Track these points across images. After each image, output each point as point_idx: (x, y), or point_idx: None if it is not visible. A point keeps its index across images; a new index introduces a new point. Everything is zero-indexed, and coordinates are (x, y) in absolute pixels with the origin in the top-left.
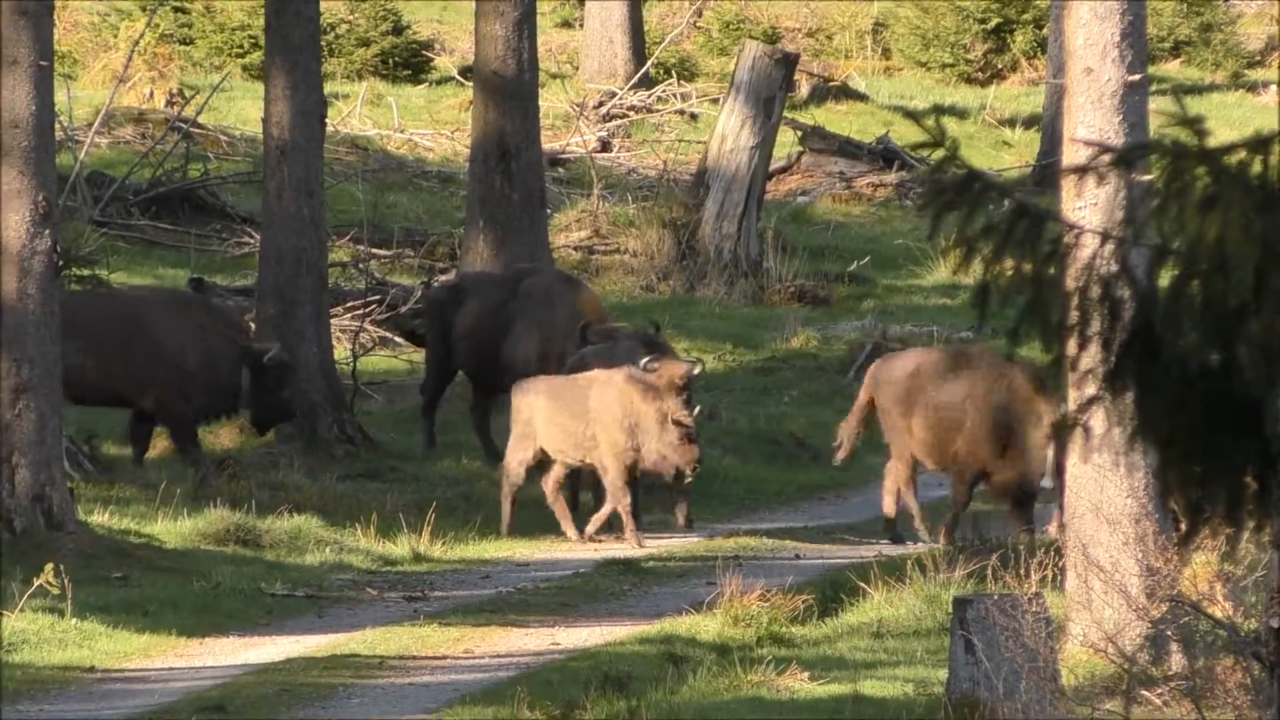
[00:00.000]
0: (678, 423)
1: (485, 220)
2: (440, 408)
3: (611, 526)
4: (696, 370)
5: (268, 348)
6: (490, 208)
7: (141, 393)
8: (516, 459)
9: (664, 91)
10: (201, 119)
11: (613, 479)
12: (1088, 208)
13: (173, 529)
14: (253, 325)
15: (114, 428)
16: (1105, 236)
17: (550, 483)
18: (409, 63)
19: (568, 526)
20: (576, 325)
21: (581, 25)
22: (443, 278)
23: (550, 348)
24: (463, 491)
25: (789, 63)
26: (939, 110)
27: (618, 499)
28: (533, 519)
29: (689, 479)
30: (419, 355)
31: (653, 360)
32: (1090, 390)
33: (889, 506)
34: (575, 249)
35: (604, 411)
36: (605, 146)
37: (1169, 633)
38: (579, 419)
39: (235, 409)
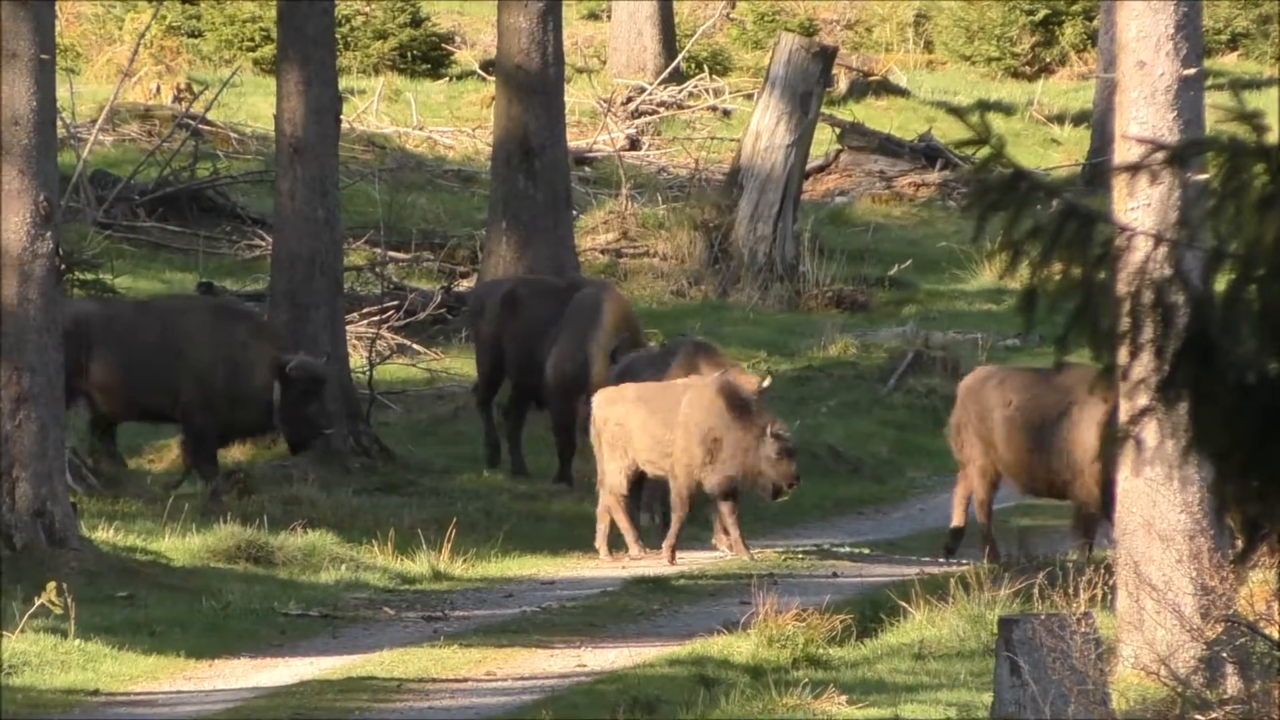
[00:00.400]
0: (777, 436)
1: (508, 222)
2: (458, 418)
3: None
4: (766, 384)
5: (291, 358)
6: (513, 209)
7: (175, 407)
8: (614, 468)
9: (695, 87)
10: (210, 115)
11: (679, 489)
12: (1140, 208)
13: (181, 545)
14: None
15: (119, 440)
16: (1158, 239)
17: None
18: (428, 56)
19: (633, 544)
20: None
21: (609, 17)
22: (464, 283)
23: (588, 362)
24: (484, 506)
25: (827, 56)
26: (984, 106)
27: (678, 509)
28: (558, 534)
29: (785, 496)
30: (438, 364)
31: (722, 373)
32: (1142, 401)
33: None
34: (602, 252)
35: (689, 420)
36: (634, 144)
37: (1224, 654)
38: (669, 427)
39: (268, 425)
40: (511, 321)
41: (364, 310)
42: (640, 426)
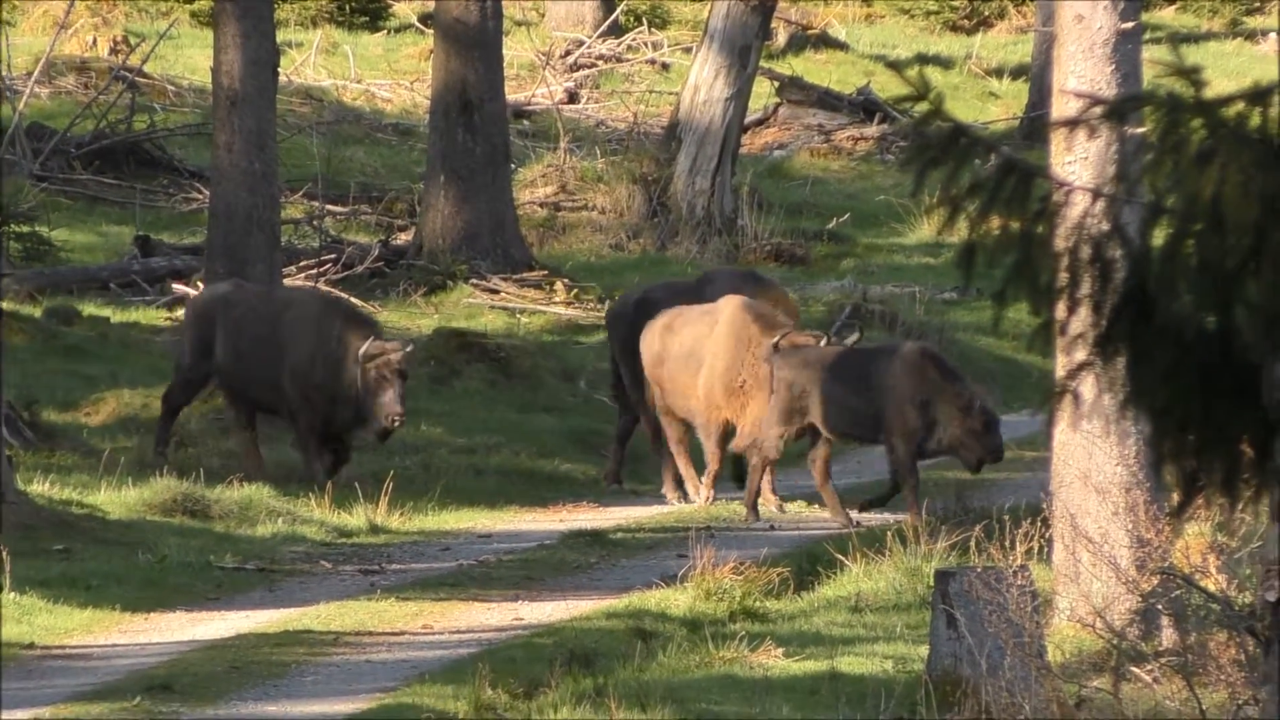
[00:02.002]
0: (984, 409)
1: (446, 175)
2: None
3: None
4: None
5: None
6: (451, 162)
7: (280, 402)
8: (776, 433)
9: (634, 40)
10: (147, 68)
11: (901, 459)
12: (1078, 163)
13: (117, 499)
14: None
15: (55, 393)
16: (1096, 194)
17: (819, 464)
18: (366, 9)
19: (837, 514)
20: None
21: None
22: (402, 236)
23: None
24: (422, 460)
25: (765, 10)
26: (923, 60)
27: (905, 479)
28: (496, 488)
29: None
30: (377, 317)
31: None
32: (1080, 355)
33: None
34: (541, 205)
35: (895, 388)
36: (572, 98)
37: (1160, 607)
38: (861, 394)
39: (362, 420)
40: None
41: (301, 264)
42: (825, 393)
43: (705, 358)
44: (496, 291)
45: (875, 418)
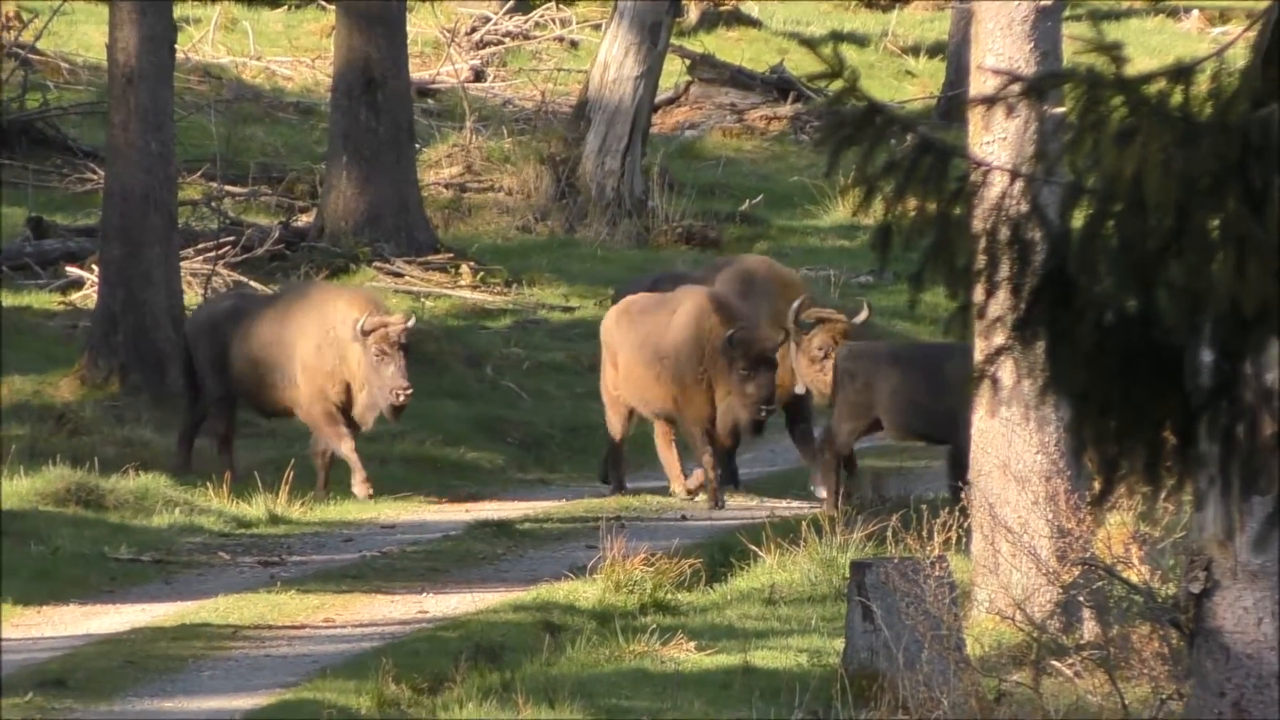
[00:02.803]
0: None
1: (349, 155)
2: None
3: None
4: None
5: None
6: (354, 142)
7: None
8: (847, 428)
9: (542, 17)
10: (40, 45)
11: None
12: (996, 142)
13: (8, 488)
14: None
15: None
16: (1014, 174)
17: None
18: None
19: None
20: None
21: None
22: (304, 218)
23: None
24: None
25: None
26: (837, 37)
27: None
28: (400, 477)
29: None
30: None
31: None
32: (999, 339)
33: None
34: (446, 187)
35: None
36: (479, 76)
37: (1081, 599)
38: (934, 394)
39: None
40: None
41: (199, 246)
42: (894, 389)
43: (665, 349)
44: (400, 275)
45: (948, 416)
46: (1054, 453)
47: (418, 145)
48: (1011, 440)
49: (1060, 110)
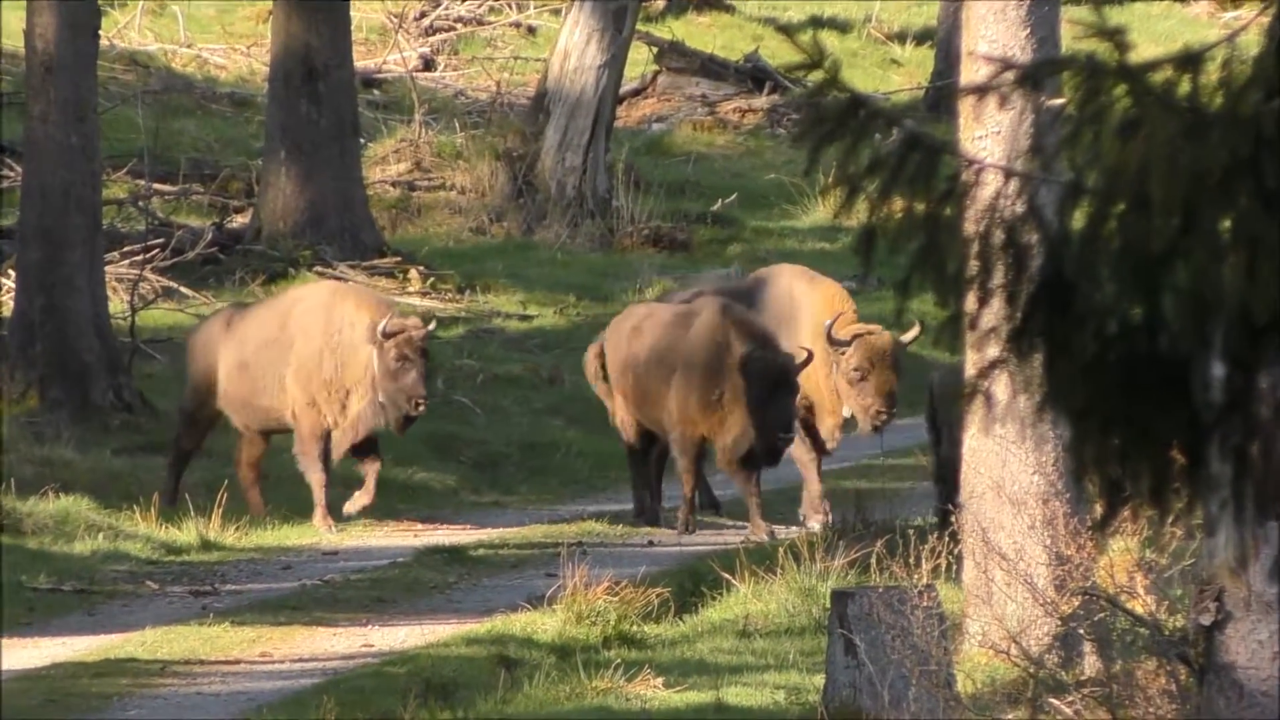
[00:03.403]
0: None
1: (287, 150)
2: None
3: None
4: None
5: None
6: (293, 136)
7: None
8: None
9: (497, 1)
10: None
11: None
12: (989, 137)
13: None
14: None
15: None
16: (1009, 172)
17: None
18: None
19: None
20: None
21: None
22: (238, 219)
23: None
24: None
25: None
26: (817, 23)
27: None
28: (342, 498)
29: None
30: (208, 309)
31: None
32: (993, 352)
33: None
34: (393, 184)
35: None
36: (428, 65)
37: (1082, 631)
38: None
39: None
40: None
41: (125, 249)
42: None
43: (677, 365)
44: (344, 280)
45: None
46: (1052, 473)
47: (362, 140)
48: (1006, 460)
49: (1058, 101)
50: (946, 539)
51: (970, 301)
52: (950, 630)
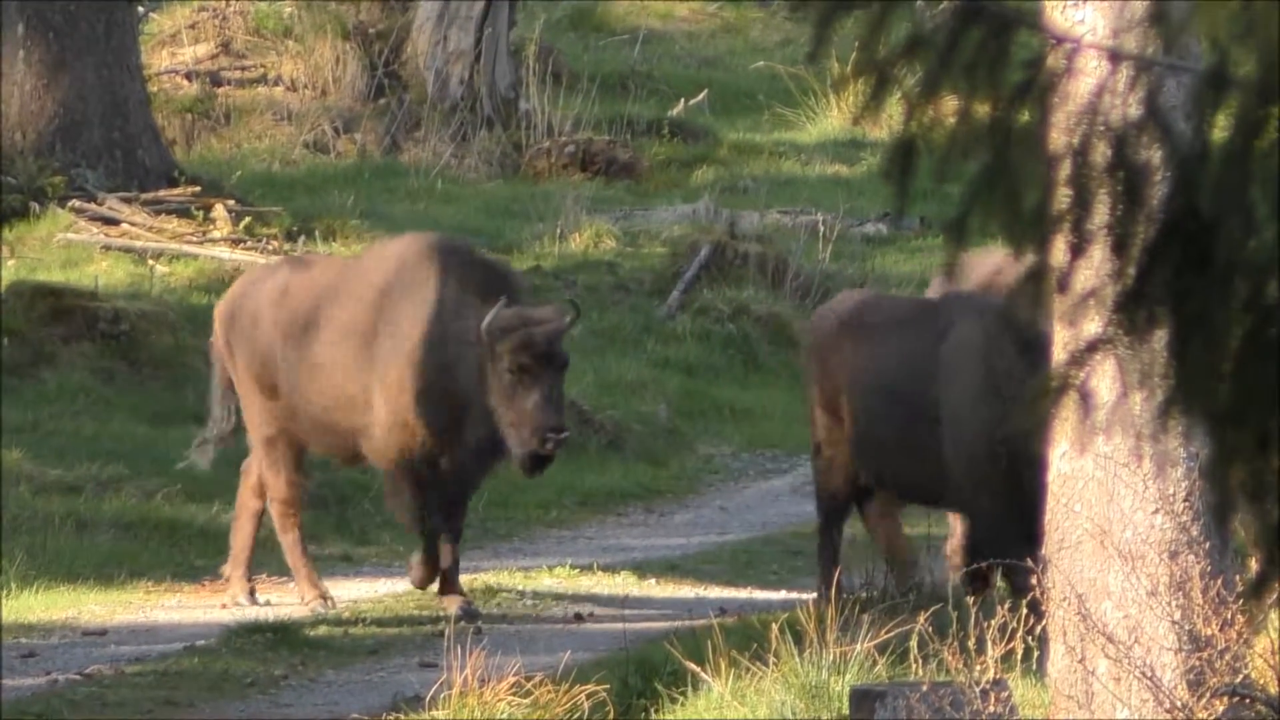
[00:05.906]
0: None
1: (28, 29)
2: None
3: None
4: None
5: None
6: (37, 9)
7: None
8: None
9: None
10: None
11: None
12: (1088, 4)
13: None
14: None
15: None
16: (1117, 55)
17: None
18: None
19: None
20: None
21: None
22: None
23: None
24: None
25: None
26: None
27: None
28: (112, 551)
29: None
30: None
31: None
32: (1093, 327)
33: None
34: (188, 77)
35: None
36: None
37: None
38: None
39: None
40: None
41: None
42: None
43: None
44: (115, 221)
45: None
46: (1184, 513)
47: (142, 10)
48: (1114, 492)
49: None
50: (1024, 611)
51: (1059, 251)
52: None
